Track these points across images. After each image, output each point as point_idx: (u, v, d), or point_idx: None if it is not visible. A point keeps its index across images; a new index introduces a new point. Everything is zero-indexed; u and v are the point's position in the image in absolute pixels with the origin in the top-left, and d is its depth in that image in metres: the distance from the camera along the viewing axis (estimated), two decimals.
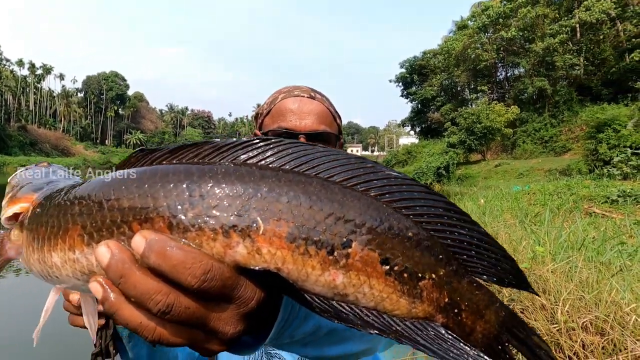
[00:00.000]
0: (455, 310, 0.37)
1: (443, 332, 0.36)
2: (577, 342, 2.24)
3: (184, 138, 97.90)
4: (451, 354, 0.35)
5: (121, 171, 0.38)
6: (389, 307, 0.35)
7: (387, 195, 0.36)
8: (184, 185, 0.34)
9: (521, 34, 36.92)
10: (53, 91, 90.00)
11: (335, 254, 0.34)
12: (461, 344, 0.36)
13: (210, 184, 0.34)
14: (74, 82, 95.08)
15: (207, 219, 0.33)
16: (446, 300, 0.36)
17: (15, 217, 0.46)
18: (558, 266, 3.00)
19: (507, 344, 0.38)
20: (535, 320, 2.52)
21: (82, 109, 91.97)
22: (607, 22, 32.54)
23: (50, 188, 0.46)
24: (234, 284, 0.34)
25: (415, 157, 42.41)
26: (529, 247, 3.72)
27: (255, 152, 0.37)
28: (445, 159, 32.56)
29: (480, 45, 40.56)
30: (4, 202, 0.49)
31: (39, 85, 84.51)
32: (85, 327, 0.59)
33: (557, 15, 35.39)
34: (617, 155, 14.68)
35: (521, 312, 2.71)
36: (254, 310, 0.37)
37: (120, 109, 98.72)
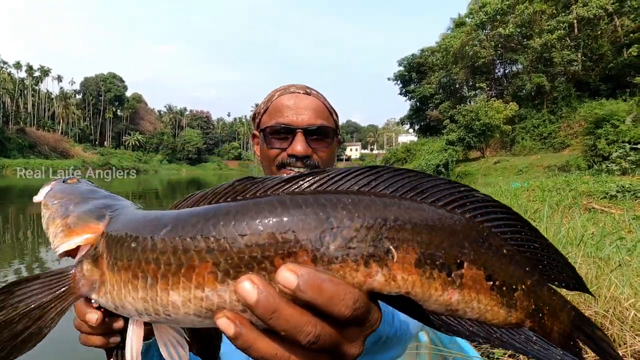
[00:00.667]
0: (540, 315, 0.40)
1: (531, 334, 0.40)
2: None
3: (183, 139, 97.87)
4: (542, 354, 0.38)
5: (234, 203, 0.38)
6: (489, 318, 0.39)
7: (479, 216, 0.39)
8: (322, 217, 0.35)
9: (519, 30, 36.88)
10: (51, 93, 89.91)
11: (453, 275, 0.37)
12: (547, 344, 0.39)
13: (344, 215, 0.35)
14: (72, 84, 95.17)
15: (349, 250, 0.34)
16: (533, 306, 0.40)
17: (75, 250, 0.43)
18: None
19: (577, 340, 0.43)
20: None
21: (80, 110, 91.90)
22: (604, 18, 32.51)
23: (119, 214, 0.43)
24: (370, 309, 0.36)
25: (414, 155, 42.42)
26: None
27: (366, 180, 0.38)
28: (445, 156, 32.55)
29: (478, 42, 40.53)
30: (53, 230, 0.44)
31: (36, 88, 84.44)
32: (99, 347, 0.61)
33: (554, 11, 35.32)
34: (615, 151, 14.69)
35: None
36: (373, 330, 0.38)
37: (118, 111, 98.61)
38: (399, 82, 55.83)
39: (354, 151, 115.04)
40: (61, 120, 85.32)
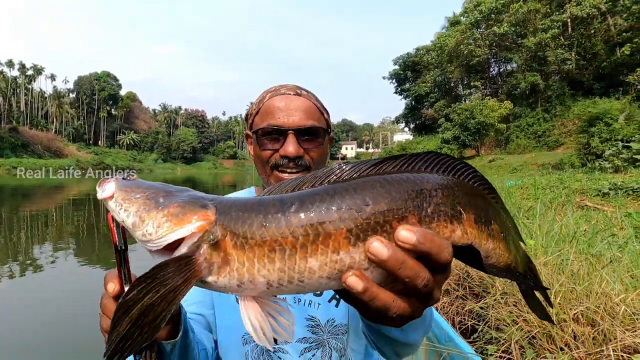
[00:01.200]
0: (517, 257, 0.58)
1: (518, 273, 0.58)
2: (568, 333, 2.26)
3: (178, 137, 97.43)
4: (523, 281, 0.59)
5: (347, 183, 0.47)
6: (501, 261, 0.55)
7: (482, 186, 0.55)
8: (418, 189, 0.46)
9: (513, 29, 37.05)
10: (44, 92, 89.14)
11: (489, 229, 0.51)
12: (528, 279, 0.60)
13: (432, 186, 0.46)
14: (65, 83, 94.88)
15: (440, 212, 0.46)
16: (516, 252, 0.58)
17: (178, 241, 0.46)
18: (550, 259, 3.03)
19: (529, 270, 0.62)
20: (527, 313, 2.54)
21: (74, 109, 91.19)
22: (598, 17, 32.73)
23: (223, 201, 0.48)
24: (452, 258, 0.46)
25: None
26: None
27: (427, 164, 0.50)
28: None
29: (473, 41, 40.68)
30: (152, 222, 0.46)
31: (29, 86, 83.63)
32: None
33: (548, 10, 35.52)
34: (608, 149, 14.81)
35: (514, 305, 2.73)
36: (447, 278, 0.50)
37: (112, 109, 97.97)
38: (394, 80, 55.96)
39: (349, 150, 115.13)
40: (54, 119, 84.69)
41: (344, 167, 0.49)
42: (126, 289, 0.63)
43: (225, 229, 0.44)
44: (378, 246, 0.41)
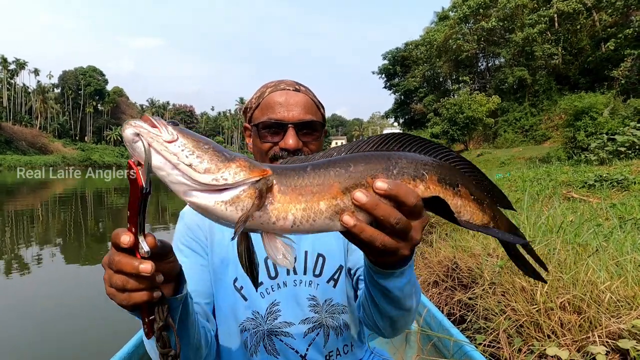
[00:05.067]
0: (496, 219, 0.73)
1: (495, 229, 0.72)
2: (555, 321, 2.29)
3: None
4: (503, 236, 0.72)
5: (349, 155, 0.67)
6: (475, 218, 0.70)
7: (458, 166, 0.70)
8: (388, 158, 0.65)
9: (501, 24, 37.33)
10: (28, 87, 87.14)
11: (455, 189, 0.68)
12: (503, 233, 0.73)
13: (398, 157, 0.65)
14: (49, 78, 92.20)
15: (404, 173, 0.64)
16: (492, 214, 0.72)
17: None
18: (537, 249, 3.06)
19: (513, 234, 0.75)
20: (515, 302, 2.56)
21: (59, 105, 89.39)
22: (583, 12, 33.13)
23: (276, 165, 0.66)
24: (422, 205, 0.63)
25: None
26: None
27: (401, 143, 0.68)
28: None
29: (462, 35, 40.86)
30: (235, 170, 0.60)
31: (12, 81, 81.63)
32: (142, 304, 0.68)
33: (535, 5, 35.83)
34: (594, 142, 15.03)
35: (502, 295, 2.75)
36: (425, 225, 0.66)
37: (99, 105, 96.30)
38: (383, 75, 55.97)
39: (339, 144, 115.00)
40: (39, 115, 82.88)
41: (341, 148, 0.69)
42: (140, 239, 0.64)
43: (277, 180, 0.62)
44: (359, 194, 0.59)
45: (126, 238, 0.63)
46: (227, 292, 1.14)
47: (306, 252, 1.18)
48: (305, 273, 1.15)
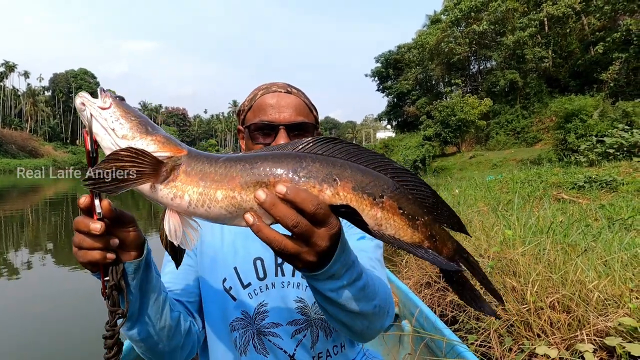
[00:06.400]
0: (434, 240, 0.67)
1: (429, 251, 0.67)
2: (545, 320, 2.32)
3: None
4: (433, 260, 0.66)
5: (261, 152, 0.67)
6: (402, 235, 0.65)
7: (395, 177, 0.67)
8: (300, 160, 0.63)
9: (492, 27, 37.66)
10: (17, 90, 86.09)
11: (376, 200, 0.64)
12: (437, 256, 0.67)
13: (310, 160, 0.63)
14: (40, 81, 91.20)
15: (311, 177, 0.62)
16: (429, 233, 0.67)
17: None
18: (527, 249, 3.09)
19: (458, 260, 0.70)
20: (506, 302, 2.59)
21: (50, 108, 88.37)
22: (573, 16, 33.56)
23: (191, 149, 0.69)
24: (328, 213, 0.61)
25: (392, 150, 42.85)
26: (500, 232, 3.83)
27: (327, 147, 0.66)
28: (422, 151, 33.02)
29: (454, 39, 41.16)
30: (144, 142, 0.66)
31: (1, 84, 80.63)
32: (95, 263, 0.73)
33: (526, 9, 36.22)
34: (584, 144, 15.23)
35: None
36: (336, 235, 0.64)
37: None
38: (376, 78, 56.16)
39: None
40: (29, 118, 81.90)
41: (296, 143, 0.67)
42: (97, 202, 0.70)
43: (186, 160, 0.65)
44: (259, 192, 0.60)
45: (82, 199, 0.70)
46: (216, 293, 1.14)
47: None
48: (293, 275, 1.16)
